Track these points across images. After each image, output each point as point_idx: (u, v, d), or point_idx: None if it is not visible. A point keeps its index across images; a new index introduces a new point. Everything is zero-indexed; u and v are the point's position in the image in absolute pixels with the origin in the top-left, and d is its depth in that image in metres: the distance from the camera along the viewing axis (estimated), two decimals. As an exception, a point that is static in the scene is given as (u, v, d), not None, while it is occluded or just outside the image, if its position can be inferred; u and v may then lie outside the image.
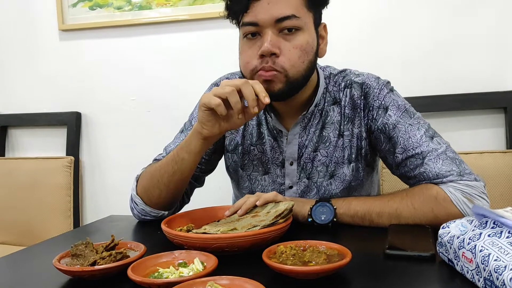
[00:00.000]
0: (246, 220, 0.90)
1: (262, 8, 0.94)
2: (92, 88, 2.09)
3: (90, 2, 2.03)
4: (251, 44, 0.99)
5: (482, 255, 0.60)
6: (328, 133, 1.10)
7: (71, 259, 0.74)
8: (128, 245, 0.81)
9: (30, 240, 1.95)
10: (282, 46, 0.96)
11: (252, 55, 0.98)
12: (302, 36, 0.98)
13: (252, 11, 0.95)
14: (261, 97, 0.89)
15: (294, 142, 1.11)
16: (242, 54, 1.02)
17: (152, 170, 1.08)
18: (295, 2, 0.96)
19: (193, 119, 1.19)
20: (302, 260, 0.70)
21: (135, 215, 1.11)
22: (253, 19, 0.96)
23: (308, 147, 1.10)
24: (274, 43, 0.95)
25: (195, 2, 1.92)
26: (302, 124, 1.10)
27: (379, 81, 1.09)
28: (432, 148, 0.99)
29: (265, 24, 0.95)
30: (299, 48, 0.97)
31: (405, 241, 0.83)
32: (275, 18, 0.94)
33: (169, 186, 1.05)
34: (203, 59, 1.95)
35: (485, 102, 1.65)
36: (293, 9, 0.95)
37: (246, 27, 0.98)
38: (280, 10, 0.94)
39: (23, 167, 2.04)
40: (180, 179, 1.05)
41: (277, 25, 0.95)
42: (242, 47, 1.02)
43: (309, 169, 1.11)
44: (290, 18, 0.95)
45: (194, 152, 1.00)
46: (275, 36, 0.95)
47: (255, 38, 0.98)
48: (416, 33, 1.73)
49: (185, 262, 0.72)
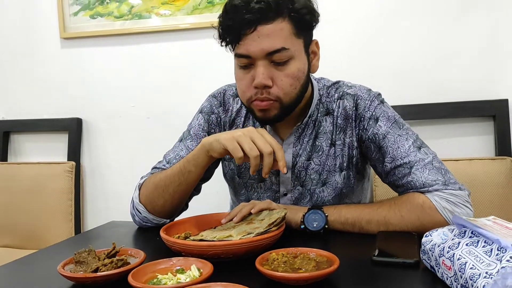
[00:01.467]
0: (241, 227, 0.94)
1: (253, 41, 0.97)
2: (93, 95, 2.13)
3: (91, 11, 2.07)
4: (245, 73, 1.03)
5: (460, 263, 0.65)
6: (321, 142, 1.14)
7: (74, 266, 0.78)
8: (128, 252, 0.84)
9: (32, 244, 2.00)
10: (275, 76, 1.00)
11: (246, 84, 1.03)
12: (293, 65, 1.01)
13: (244, 43, 0.98)
14: (280, 165, 0.92)
15: (288, 151, 1.15)
16: (238, 82, 1.07)
17: (157, 180, 1.11)
18: (284, 34, 0.98)
19: (192, 129, 1.23)
20: (292, 267, 0.74)
21: (136, 222, 1.15)
22: (245, 52, 0.99)
23: (302, 156, 1.15)
24: (266, 76, 0.99)
25: (193, 12, 1.96)
26: (296, 134, 1.15)
27: (370, 93, 1.14)
28: (419, 158, 1.03)
29: (256, 56, 0.99)
30: (290, 76, 1.01)
31: (392, 248, 0.87)
32: (265, 52, 0.98)
33: (174, 196, 1.09)
34: (202, 67, 1.99)
35: (475, 110, 1.70)
36: (283, 41, 0.98)
37: (239, 59, 1.02)
38: (270, 44, 0.97)
39: (25, 172, 2.07)
40: (185, 190, 1.10)
41: (268, 57, 0.99)
42: (238, 75, 1.06)
43: (303, 177, 1.15)
44: (280, 51, 0.98)
45: (201, 166, 1.05)
46: (267, 68, 0.99)
47: (249, 68, 1.02)
48: (408, 43, 1.77)
49: (182, 269, 0.76)
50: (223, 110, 1.23)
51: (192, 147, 1.19)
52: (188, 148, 1.20)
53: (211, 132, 1.22)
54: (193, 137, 1.21)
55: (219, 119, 1.23)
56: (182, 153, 1.19)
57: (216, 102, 1.24)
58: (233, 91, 1.24)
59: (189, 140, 1.21)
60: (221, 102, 1.23)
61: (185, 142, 1.21)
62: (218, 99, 1.24)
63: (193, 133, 1.22)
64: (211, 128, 1.22)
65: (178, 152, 1.20)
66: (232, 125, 1.22)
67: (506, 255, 0.58)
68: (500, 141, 1.66)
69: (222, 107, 1.23)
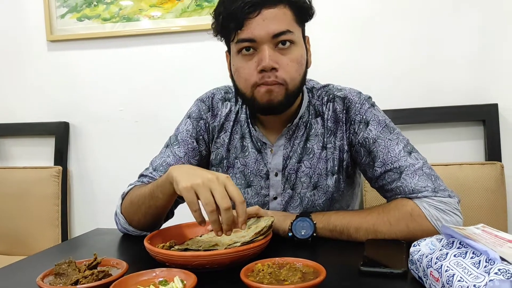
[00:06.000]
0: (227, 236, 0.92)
1: (257, 25, 0.98)
2: (80, 99, 2.10)
3: (78, 13, 2.05)
4: (247, 59, 1.01)
5: (447, 275, 0.63)
6: (312, 145, 1.13)
7: (54, 278, 0.76)
8: (111, 262, 0.82)
9: (18, 250, 1.97)
10: (280, 60, 1.00)
11: (250, 71, 1.01)
12: (296, 50, 1.02)
13: (248, 28, 0.98)
14: (239, 221, 0.84)
15: (279, 153, 1.14)
16: (239, 71, 1.04)
17: (134, 196, 1.09)
18: (287, 18, 1.00)
19: (179, 134, 1.21)
20: (278, 278, 0.72)
21: (119, 229, 1.14)
22: (249, 36, 0.98)
23: (293, 158, 1.13)
24: (273, 58, 0.98)
25: (182, 15, 1.94)
26: (287, 136, 1.13)
27: (361, 96, 1.13)
28: (410, 164, 1.02)
29: (262, 40, 0.98)
30: (295, 61, 1.01)
31: (379, 257, 0.85)
32: (271, 34, 0.98)
33: (146, 217, 1.06)
34: (191, 70, 1.97)
35: (465, 115, 1.69)
36: (287, 25, 0.99)
37: (242, 43, 1.00)
38: (276, 26, 0.98)
39: (11, 177, 2.05)
40: (156, 213, 1.06)
41: (273, 40, 0.99)
42: (238, 64, 1.03)
43: (293, 180, 1.14)
44: (285, 33, 0.99)
45: (168, 194, 0.97)
46: (272, 51, 0.99)
47: (251, 54, 1.01)
48: (398, 47, 1.76)
49: (165, 280, 0.74)
50: (211, 116, 1.21)
51: (180, 154, 1.18)
52: (176, 155, 1.18)
53: (199, 138, 1.20)
54: (181, 143, 1.19)
55: (207, 124, 1.21)
56: (169, 160, 1.17)
57: (205, 107, 1.22)
58: (221, 94, 1.22)
59: (177, 146, 1.19)
60: (209, 107, 1.22)
61: (172, 148, 1.19)
62: (206, 103, 1.22)
63: (181, 138, 1.20)
64: (199, 134, 1.20)
65: (165, 159, 1.18)
66: (220, 131, 1.20)
67: (494, 268, 0.57)
68: (490, 145, 1.66)
69: (210, 112, 1.21)
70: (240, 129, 1.18)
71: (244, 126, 1.17)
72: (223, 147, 1.19)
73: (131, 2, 1.99)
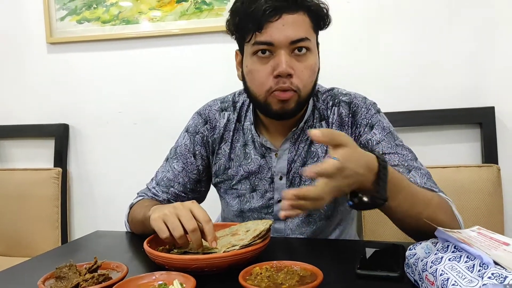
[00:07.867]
0: (226, 239, 0.93)
1: (277, 29, 0.97)
2: (80, 101, 2.11)
3: (77, 16, 2.05)
4: (263, 63, 1.01)
5: (442, 278, 0.64)
6: (316, 148, 1.13)
7: (55, 281, 0.77)
8: (111, 266, 0.83)
9: (18, 251, 1.97)
10: (295, 67, 1.00)
11: (265, 75, 1.01)
12: (311, 57, 1.02)
13: (267, 31, 0.98)
14: (209, 240, 0.86)
15: (283, 157, 1.14)
16: (253, 73, 1.03)
17: (134, 215, 1.14)
18: (306, 25, 1.01)
19: (178, 148, 1.23)
20: (275, 281, 0.73)
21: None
22: (268, 39, 0.98)
23: (297, 161, 1.13)
24: (289, 64, 0.99)
25: (181, 18, 1.95)
26: (292, 140, 1.13)
27: (366, 101, 1.14)
28: (417, 166, 1.03)
29: (280, 44, 0.98)
30: (309, 68, 1.02)
31: (376, 261, 0.86)
32: (290, 40, 0.98)
33: (145, 232, 1.03)
34: (190, 73, 1.98)
35: (461, 117, 1.70)
36: (305, 32, 1.00)
37: (259, 46, 1.00)
38: (295, 32, 0.98)
39: (11, 178, 2.05)
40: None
41: (290, 46, 0.99)
42: (253, 65, 1.03)
43: (297, 183, 1.14)
44: (303, 40, 0.99)
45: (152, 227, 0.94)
46: (288, 56, 0.99)
47: (267, 57, 1.00)
48: (395, 51, 1.77)
49: (165, 283, 0.75)
50: (208, 129, 1.20)
51: (178, 168, 1.20)
52: (174, 169, 1.20)
53: (196, 153, 1.21)
54: (179, 157, 1.21)
55: (204, 138, 1.20)
56: (168, 175, 1.21)
57: (201, 121, 1.21)
58: (218, 105, 1.22)
59: (175, 161, 1.21)
60: (206, 120, 1.21)
61: (171, 162, 1.22)
62: (203, 117, 1.22)
63: (179, 152, 1.22)
64: (196, 149, 1.21)
65: (165, 173, 1.21)
66: (221, 141, 1.19)
67: (487, 272, 0.58)
68: (487, 148, 1.67)
69: (208, 125, 1.20)
70: (242, 137, 1.18)
71: (247, 133, 1.17)
72: (225, 157, 1.19)
73: (130, 4, 2.00)
